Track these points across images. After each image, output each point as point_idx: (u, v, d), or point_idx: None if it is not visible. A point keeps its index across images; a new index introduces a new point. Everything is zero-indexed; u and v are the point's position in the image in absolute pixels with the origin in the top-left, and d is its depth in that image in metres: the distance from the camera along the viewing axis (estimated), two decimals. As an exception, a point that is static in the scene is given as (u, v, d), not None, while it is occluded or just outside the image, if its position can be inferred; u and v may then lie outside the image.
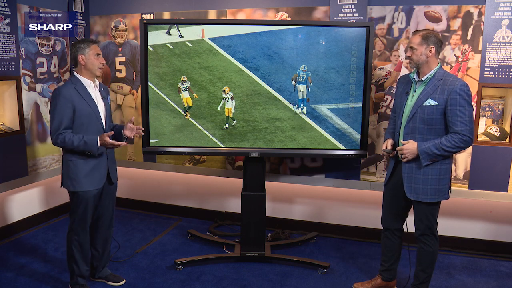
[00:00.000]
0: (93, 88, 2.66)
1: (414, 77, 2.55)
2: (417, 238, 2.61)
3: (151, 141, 3.19)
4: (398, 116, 2.63)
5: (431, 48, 2.44)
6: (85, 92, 2.61)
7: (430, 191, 2.49)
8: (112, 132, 2.62)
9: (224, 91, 3.11)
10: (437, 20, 3.18)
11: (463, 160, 3.26)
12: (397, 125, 2.63)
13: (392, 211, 2.73)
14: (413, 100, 2.52)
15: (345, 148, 3.16)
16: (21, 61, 3.49)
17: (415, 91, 2.54)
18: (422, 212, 2.55)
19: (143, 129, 2.85)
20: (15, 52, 3.42)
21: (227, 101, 3.12)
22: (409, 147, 2.46)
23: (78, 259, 2.73)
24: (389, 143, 2.64)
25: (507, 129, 3.16)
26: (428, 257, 2.58)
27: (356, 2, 3.32)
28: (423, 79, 2.49)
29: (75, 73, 2.65)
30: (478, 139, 3.19)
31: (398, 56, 3.29)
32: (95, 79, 2.69)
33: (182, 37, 3.09)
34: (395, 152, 2.59)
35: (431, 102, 2.43)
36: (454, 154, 3.18)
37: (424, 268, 2.61)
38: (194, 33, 3.10)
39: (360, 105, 3.10)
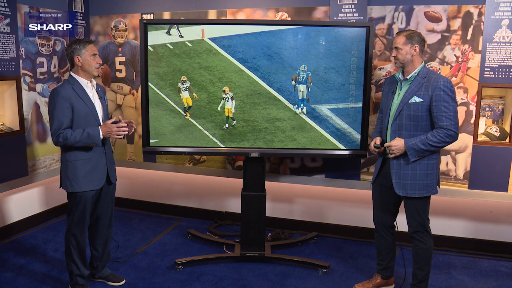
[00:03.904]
0: (90, 88, 2.66)
1: (400, 76, 2.61)
2: (411, 236, 2.64)
3: (151, 141, 3.19)
4: (385, 115, 2.68)
5: (415, 47, 2.51)
6: (82, 92, 2.60)
7: (418, 186, 2.53)
8: (115, 118, 2.61)
9: (224, 91, 3.11)
10: (437, 20, 3.18)
11: (463, 160, 3.26)
12: (384, 124, 2.69)
13: (383, 209, 2.77)
14: (399, 98, 2.58)
15: (345, 148, 3.16)
16: (21, 61, 3.49)
17: (400, 90, 2.60)
18: (412, 208, 2.58)
19: (132, 122, 2.70)
20: (15, 52, 3.41)
21: (227, 101, 3.12)
22: (397, 143, 2.52)
23: (77, 259, 2.73)
24: (378, 139, 2.69)
25: (507, 129, 3.16)
26: (424, 254, 2.61)
27: (356, 2, 3.32)
28: (408, 77, 2.56)
29: (72, 73, 2.64)
30: (478, 139, 3.19)
31: (398, 56, 3.28)
32: (93, 79, 2.69)
33: (182, 37, 3.09)
34: (383, 148, 2.63)
35: (416, 99, 2.49)
36: (449, 149, 3.19)
37: (421, 266, 2.63)
38: (194, 33, 3.10)
39: (360, 105, 3.10)
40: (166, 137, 3.18)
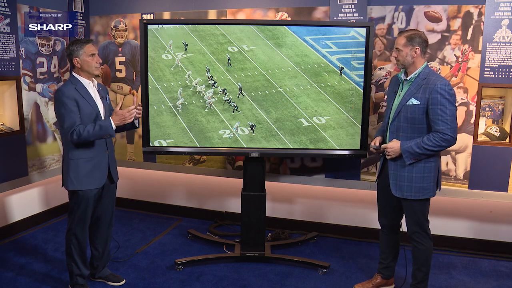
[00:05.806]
0: (92, 88, 2.67)
1: (402, 76, 2.59)
2: (410, 237, 2.64)
3: (151, 141, 3.19)
4: (386, 115, 2.69)
5: (416, 49, 2.48)
6: (85, 92, 2.61)
7: (414, 189, 2.52)
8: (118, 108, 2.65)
9: (226, 91, 3.11)
10: (437, 20, 3.17)
11: (463, 160, 3.26)
12: (384, 124, 2.69)
13: (386, 208, 2.77)
14: (398, 99, 2.57)
15: (345, 148, 3.15)
16: (21, 61, 3.49)
17: (401, 90, 2.58)
18: (410, 209, 2.58)
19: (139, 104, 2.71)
20: (15, 52, 3.41)
21: (229, 101, 3.13)
22: (393, 145, 2.52)
23: (77, 259, 2.73)
24: (377, 140, 2.69)
25: (507, 129, 3.16)
26: (422, 255, 2.61)
27: (356, 2, 3.32)
28: (408, 78, 2.54)
29: (74, 74, 2.65)
30: (478, 139, 3.19)
31: (398, 56, 3.28)
32: (94, 79, 2.69)
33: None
34: (382, 149, 2.64)
35: (413, 101, 2.47)
36: (449, 149, 3.20)
37: (419, 266, 2.63)
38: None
39: (360, 105, 3.10)
40: (166, 137, 3.17)
